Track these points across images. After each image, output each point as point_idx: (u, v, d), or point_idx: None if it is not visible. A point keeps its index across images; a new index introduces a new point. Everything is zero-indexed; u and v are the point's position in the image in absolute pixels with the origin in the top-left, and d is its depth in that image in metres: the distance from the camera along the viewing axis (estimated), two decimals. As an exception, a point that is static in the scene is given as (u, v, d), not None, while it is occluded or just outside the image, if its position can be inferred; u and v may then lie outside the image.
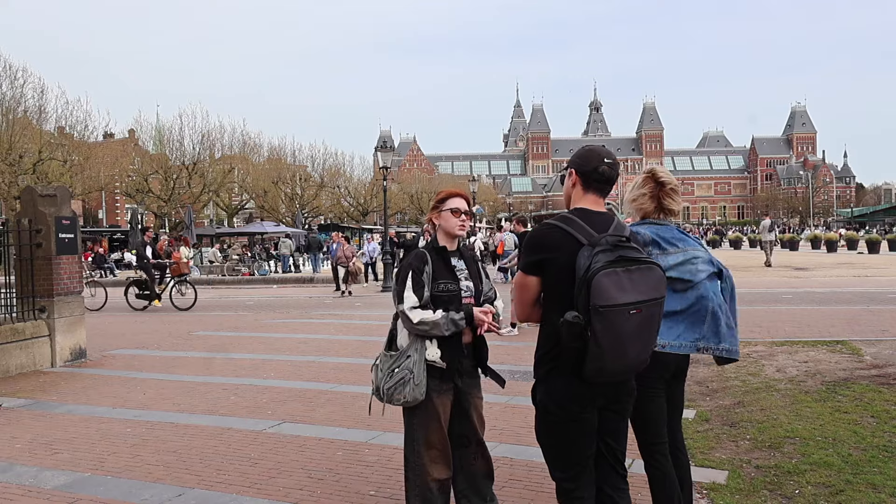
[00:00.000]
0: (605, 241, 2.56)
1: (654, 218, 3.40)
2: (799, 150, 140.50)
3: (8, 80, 32.34)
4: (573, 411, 2.65)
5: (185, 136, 45.54)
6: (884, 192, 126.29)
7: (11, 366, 8.47)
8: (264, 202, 53.54)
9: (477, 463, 3.55)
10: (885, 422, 5.42)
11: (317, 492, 4.33)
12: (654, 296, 2.58)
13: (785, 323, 10.95)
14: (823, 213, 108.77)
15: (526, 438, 5.16)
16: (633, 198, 3.41)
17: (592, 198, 2.77)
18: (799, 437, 5.13)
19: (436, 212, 3.54)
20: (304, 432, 5.64)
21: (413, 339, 3.35)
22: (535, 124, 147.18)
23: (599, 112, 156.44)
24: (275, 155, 55.50)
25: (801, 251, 39.26)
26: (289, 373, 8.16)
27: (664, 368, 3.19)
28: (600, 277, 2.46)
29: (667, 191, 3.34)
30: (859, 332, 9.91)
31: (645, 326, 2.57)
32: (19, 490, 4.48)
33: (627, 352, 2.55)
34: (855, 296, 14.90)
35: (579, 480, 2.72)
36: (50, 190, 9.37)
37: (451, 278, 3.43)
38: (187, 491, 4.39)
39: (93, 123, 38.23)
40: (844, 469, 4.43)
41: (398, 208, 60.04)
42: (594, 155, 2.78)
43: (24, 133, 31.90)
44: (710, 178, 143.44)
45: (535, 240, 2.72)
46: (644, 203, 3.38)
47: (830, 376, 7.08)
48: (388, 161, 23.05)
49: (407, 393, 3.28)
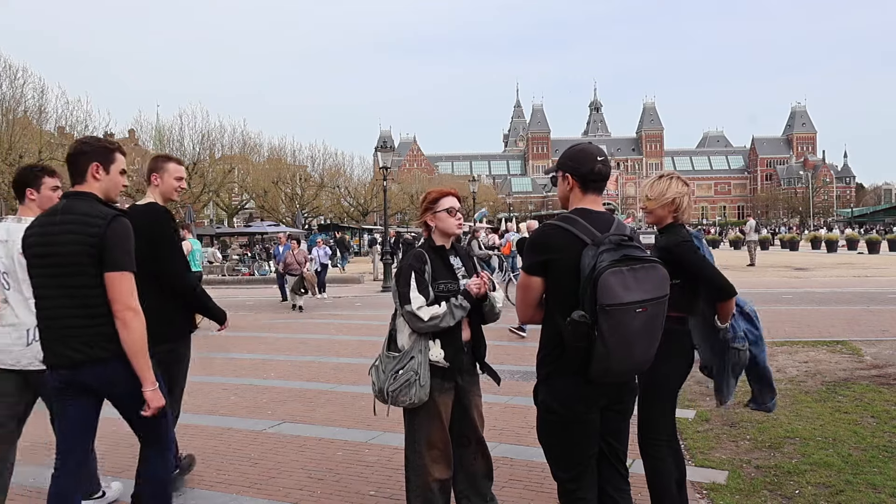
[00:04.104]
0: (608, 241, 2.56)
1: (669, 222, 3.42)
2: (799, 150, 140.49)
3: (8, 80, 32.30)
4: (577, 411, 2.65)
5: (185, 136, 45.49)
6: (884, 192, 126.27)
7: (11, 366, 8.45)
8: (264, 202, 53.49)
9: (477, 462, 3.55)
10: (885, 422, 5.42)
11: (317, 492, 4.33)
12: (658, 294, 2.58)
13: (785, 323, 10.95)
14: (823, 213, 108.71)
15: (526, 438, 5.15)
16: (673, 197, 3.40)
17: (592, 197, 2.77)
18: (799, 437, 5.13)
19: (430, 213, 3.51)
20: (304, 432, 5.64)
21: (416, 340, 3.33)
22: (535, 124, 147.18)
23: (599, 112, 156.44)
24: (275, 155, 55.44)
25: (801, 251, 39.25)
26: (289, 373, 8.16)
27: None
28: (607, 276, 2.46)
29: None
30: (859, 332, 9.91)
31: (650, 325, 2.57)
32: (19, 490, 4.48)
33: (633, 351, 2.55)
34: (855, 296, 14.89)
35: (582, 481, 2.72)
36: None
37: (451, 277, 3.43)
38: (187, 491, 4.39)
39: (93, 123, 37.99)
40: (844, 469, 4.43)
41: (398, 208, 59.97)
42: (587, 155, 2.76)
43: (24, 133, 31.84)
44: (710, 178, 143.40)
45: (539, 240, 2.72)
46: (684, 203, 3.41)
47: (830, 376, 7.08)
48: (388, 161, 23.03)
49: (413, 394, 3.28)
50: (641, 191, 3.68)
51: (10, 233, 3.68)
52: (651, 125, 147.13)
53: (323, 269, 19.10)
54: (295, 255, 16.24)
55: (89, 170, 3.06)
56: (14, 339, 3.64)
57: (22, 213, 3.81)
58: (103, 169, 3.09)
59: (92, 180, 3.06)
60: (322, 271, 18.88)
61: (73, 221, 2.93)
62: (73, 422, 3.05)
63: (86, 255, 2.88)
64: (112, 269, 2.89)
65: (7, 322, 3.67)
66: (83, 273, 2.89)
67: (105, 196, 3.10)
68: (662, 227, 3.46)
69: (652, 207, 3.46)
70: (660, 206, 3.42)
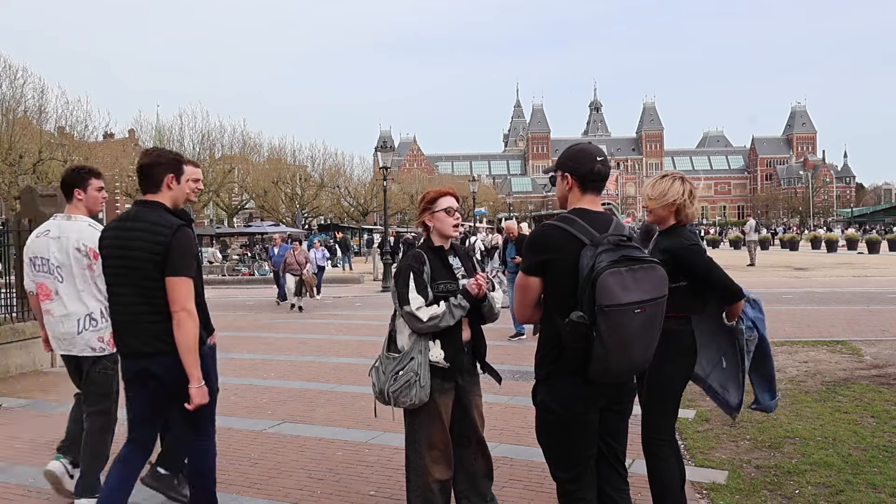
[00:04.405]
0: (607, 241, 2.55)
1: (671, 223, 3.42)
2: (799, 150, 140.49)
3: (8, 80, 32.29)
4: (576, 412, 2.65)
5: (185, 136, 45.56)
6: (884, 192, 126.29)
7: (11, 366, 8.47)
8: (264, 202, 53.50)
9: (477, 462, 3.55)
10: (885, 422, 5.43)
11: (317, 492, 4.33)
12: (657, 294, 2.57)
13: (785, 323, 10.94)
14: (823, 213, 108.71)
15: (526, 438, 5.15)
16: (674, 199, 3.39)
17: (590, 197, 2.76)
18: (799, 437, 5.13)
19: (428, 213, 3.51)
20: (304, 432, 5.64)
21: (416, 341, 3.33)
22: (535, 124, 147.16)
23: (599, 112, 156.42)
24: (275, 155, 55.45)
25: (801, 251, 39.25)
26: (289, 373, 8.16)
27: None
28: (605, 277, 2.45)
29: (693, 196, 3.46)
30: (859, 332, 9.92)
31: (649, 325, 2.57)
32: (19, 490, 4.48)
33: (632, 351, 2.55)
34: (855, 296, 14.90)
35: (581, 481, 2.72)
36: (50, 190, 9.36)
37: (450, 277, 3.43)
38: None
39: (93, 123, 38.11)
40: (844, 469, 4.43)
41: (398, 208, 59.96)
42: (587, 155, 2.75)
43: (24, 133, 31.82)
44: (710, 178, 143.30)
45: (537, 241, 2.71)
46: (685, 205, 3.41)
47: (830, 376, 7.08)
48: (388, 161, 23.05)
49: (413, 395, 3.28)
50: (643, 190, 3.68)
51: (61, 230, 4.04)
52: (651, 125, 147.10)
53: (320, 271, 18.81)
54: (296, 255, 16.06)
55: (164, 180, 3.32)
56: (68, 328, 4.00)
57: (70, 211, 4.13)
58: (175, 180, 3.36)
59: (166, 190, 3.33)
60: (319, 273, 18.54)
61: (141, 229, 3.21)
62: (141, 408, 3.33)
63: (152, 260, 3.16)
64: (172, 274, 3.16)
65: (60, 313, 4.02)
66: (149, 276, 3.17)
67: (173, 204, 3.37)
68: (664, 227, 3.46)
69: (652, 207, 3.46)
70: (661, 206, 3.41)
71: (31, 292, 4.22)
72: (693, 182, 3.53)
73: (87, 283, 4.01)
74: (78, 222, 4.06)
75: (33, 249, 4.13)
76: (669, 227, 3.43)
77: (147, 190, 3.33)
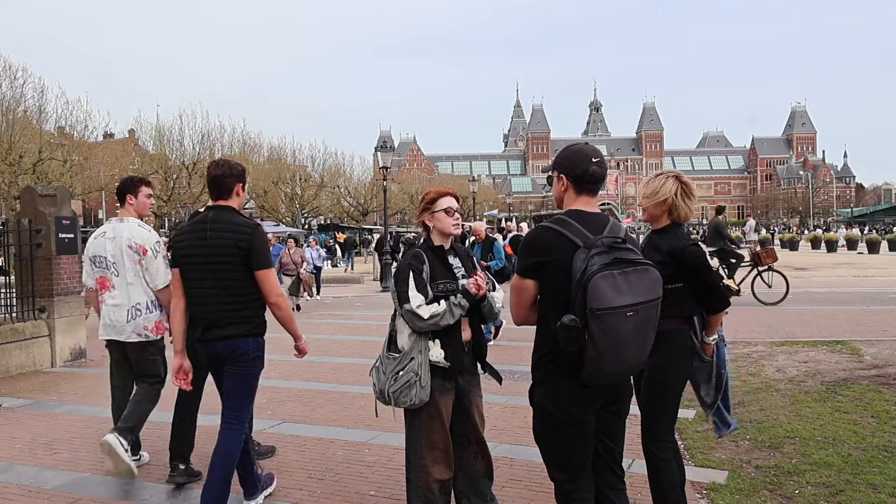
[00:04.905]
0: (600, 243, 2.54)
1: (666, 222, 3.42)
2: (799, 150, 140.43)
3: (8, 80, 32.29)
4: (573, 413, 2.64)
5: (185, 136, 45.48)
6: (884, 192, 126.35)
7: (11, 366, 8.47)
8: (264, 202, 53.48)
9: (477, 463, 3.55)
10: (885, 422, 5.43)
11: (317, 492, 4.33)
12: (650, 297, 2.56)
13: (785, 323, 10.95)
14: (823, 213, 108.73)
15: (526, 438, 5.15)
16: (665, 197, 3.39)
17: (585, 199, 2.75)
18: (799, 437, 5.13)
19: (427, 213, 3.52)
20: (304, 432, 5.65)
21: (416, 341, 3.34)
22: (535, 124, 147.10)
23: (599, 112, 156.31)
24: (275, 155, 55.44)
25: (802, 251, 39.25)
26: (289, 373, 8.16)
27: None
28: (597, 280, 2.44)
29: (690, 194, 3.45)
30: (859, 332, 9.92)
31: (642, 328, 2.55)
32: (19, 490, 4.48)
33: (625, 354, 2.54)
34: (855, 296, 14.90)
35: (578, 481, 2.71)
36: (50, 190, 9.36)
37: (450, 277, 3.43)
38: (188, 490, 4.39)
39: (93, 123, 38.06)
40: (844, 469, 4.43)
41: (398, 208, 59.97)
42: (582, 156, 2.74)
43: (24, 133, 31.81)
44: (710, 178, 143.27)
45: (531, 243, 2.71)
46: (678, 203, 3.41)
47: (830, 376, 7.08)
48: (388, 161, 23.05)
49: (413, 395, 3.28)
50: (639, 189, 3.69)
51: (115, 231, 4.67)
52: (651, 125, 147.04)
53: (317, 271, 18.53)
54: (291, 254, 15.71)
55: (234, 188, 3.82)
56: (118, 316, 4.58)
57: (122, 214, 4.76)
58: (242, 188, 3.88)
59: (235, 197, 3.83)
60: (315, 273, 18.30)
61: (223, 230, 3.67)
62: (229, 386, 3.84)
63: (238, 255, 3.63)
64: (259, 269, 3.67)
65: (114, 302, 4.61)
66: (234, 270, 3.64)
67: (238, 209, 3.86)
68: (659, 226, 3.45)
69: (645, 205, 3.47)
70: (653, 204, 3.42)
71: (90, 288, 4.83)
72: (691, 181, 3.52)
73: (137, 276, 4.59)
74: (129, 224, 4.68)
75: (93, 249, 4.73)
76: (665, 226, 3.43)
77: (220, 196, 3.80)
